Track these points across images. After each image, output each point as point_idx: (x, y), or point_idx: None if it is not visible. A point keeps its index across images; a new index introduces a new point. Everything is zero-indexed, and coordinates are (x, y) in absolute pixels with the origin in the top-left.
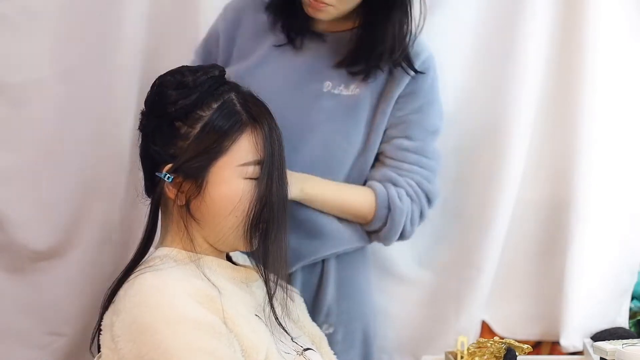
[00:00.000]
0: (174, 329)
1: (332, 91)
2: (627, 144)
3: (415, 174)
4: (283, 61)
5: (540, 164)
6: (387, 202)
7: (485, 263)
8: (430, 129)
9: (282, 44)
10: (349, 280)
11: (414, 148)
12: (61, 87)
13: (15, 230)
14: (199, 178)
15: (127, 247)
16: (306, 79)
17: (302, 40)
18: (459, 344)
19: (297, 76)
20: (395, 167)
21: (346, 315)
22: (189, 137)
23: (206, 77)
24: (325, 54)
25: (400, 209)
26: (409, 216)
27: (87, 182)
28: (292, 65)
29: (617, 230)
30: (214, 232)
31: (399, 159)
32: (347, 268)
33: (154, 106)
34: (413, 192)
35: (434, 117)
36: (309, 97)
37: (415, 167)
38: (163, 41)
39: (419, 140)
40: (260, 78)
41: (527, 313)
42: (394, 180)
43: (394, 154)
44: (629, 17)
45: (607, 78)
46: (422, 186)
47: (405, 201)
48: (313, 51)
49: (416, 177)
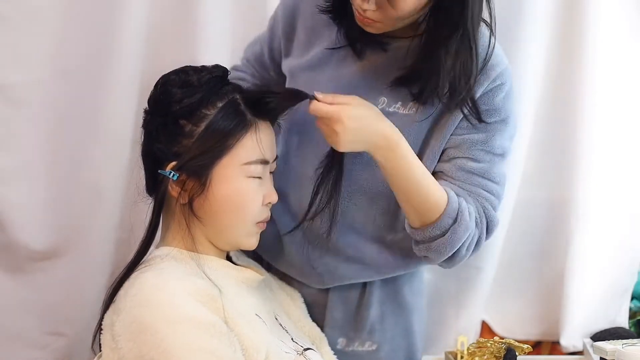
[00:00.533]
0: (175, 328)
1: (387, 109)
2: (627, 144)
3: (480, 197)
4: (337, 69)
5: (540, 164)
6: (456, 212)
7: (485, 263)
8: (497, 151)
9: (340, 46)
10: (394, 298)
11: (479, 170)
12: (61, 87)
13: (15, 230)
14: (202, 176)
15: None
16: (359, 93)
17: (361, 47)
18: (459, 344)
19: (350, 88)
20: (463, 188)
21: (390, 333)
22: (193, 136)
23: (210, 76)
24: (384, 66)
25: (467, 225)
26: (469, 239)
27: (87, 182)
28: (346, 75)
29: (617, 230)
30: (216, 230)
31: (462, 179)
32: (392, 286)
33: (159, 104)
34: (478, 215)
35: (503, 139)
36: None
37: (480, 190)
38: (163, 41)
39: (484, 162)
40: (312, 82)
41: (527, 313)
42: (464, 196)
43: (456, 175)
44: (629, 17)
45: (607, 78)
46: (486, 212)
47: (472, 219)
48: (371, 62)
49: (481, 201)
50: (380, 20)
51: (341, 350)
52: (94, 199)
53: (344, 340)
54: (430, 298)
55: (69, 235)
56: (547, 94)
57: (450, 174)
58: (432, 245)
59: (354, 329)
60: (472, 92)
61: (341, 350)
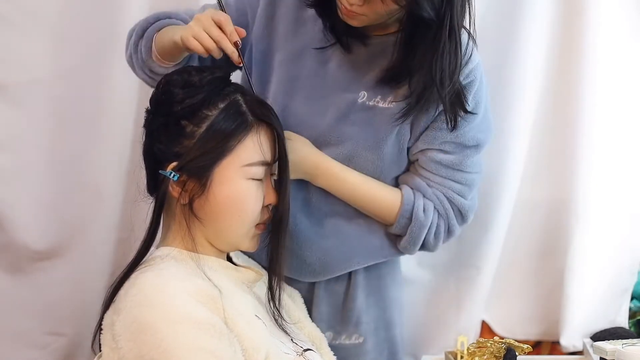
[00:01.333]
0: (175, 329)
1: (367, 102)
2: (627, 144)
3: (446, 187)
4: (319, 63)
5: (540, 164)
6: (410, 212)
7: (485, 263)
8: (469, 143)
9: (329, 45)
10: (377, 290)
11: (447, 161)
12: (61, 87)
13: (15, 230)
14: (203, 177)
15: (128, 247)
16: (340, 87)
17: (348, 41)
18: (459, 344)
19: (331, 82)
20: (427, 178)
21: (374, 325)
22: (194, 136)
23: (212, 76)
24: (365, 61)
25: (421, 222)
26: (432, 230)
27: (87, 181)
28: (328, 69)
29: (617, 230)
30: (216, 231)
31: (431, 170)
32: (376, 277)
33: (160, 104)
34: (441, 206)
35: (475, 131)
36: (342, 107)
37: (447, 180)
38: None
39: (454, 154)
40: (293, 77)
41: (527, 313)
42: (423, 191)
43: (426, 165)
44: (629, 18)
45: (607, 78)
46: (453, 201)
47: (429, 214)
48: (353, 56)
49: (447, 191)
50: (365, 14)
51: (329, 345)
52: (94, 199)
53: (331, 334)
54: (430, 298)
55: (69, 235)
56: (547, 94)
57: (422, 164)
58: (400, 243)
59: (341, 322)
60: (456, 87)
61: (329, 345)
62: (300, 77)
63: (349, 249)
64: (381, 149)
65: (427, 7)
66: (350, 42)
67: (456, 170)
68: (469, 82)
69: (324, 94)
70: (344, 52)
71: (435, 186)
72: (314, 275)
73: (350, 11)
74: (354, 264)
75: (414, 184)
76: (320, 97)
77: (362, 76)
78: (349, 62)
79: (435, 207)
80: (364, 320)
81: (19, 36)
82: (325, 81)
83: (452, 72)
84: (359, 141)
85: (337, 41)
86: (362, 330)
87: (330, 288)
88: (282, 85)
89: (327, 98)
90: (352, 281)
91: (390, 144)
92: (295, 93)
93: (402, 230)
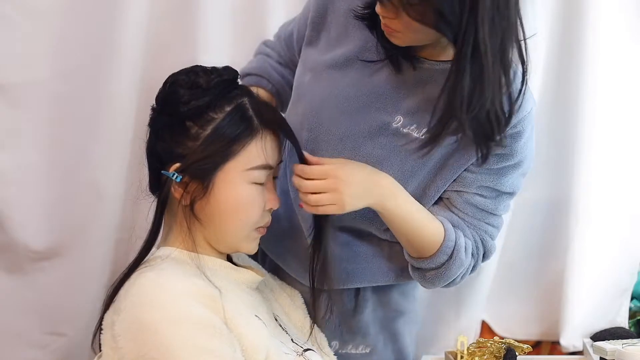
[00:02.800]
0: (175, 328)
1: (400, 129)
2: (627, 144)
3: (481, 230)
4: (361, 75)
5: (540, 164)
6: (451, 249)
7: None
8: (506, 190)
9: (379, 60)
10: (385, 302)
11: (484, 205)
12: (61, 87)
13: (15, 230)
14: (205, 180)
15: (128, 247)
16: (377, 106)
17: (398, 60)
18: (459, 344)
19: (369, 98)
20: (460, 216)
21: (381, 336)
22: (199, 138)
23: (220, 79)
24: (411, 85)
25: (462, 261)
26: (464, 270)
27: (87, 181)
28: (368, 84)
29: (616, 230)
30: (216, 233)
31: (466, 212)
32: (384, 290)
33: (166, 104)
34: (475, 247)
35: (516, 180)
36: (374, 126)
37: (482, 223)
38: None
39: (491, 199)
40: (333, 82)
41: (527, 313)
42: (462, 229)
43: (461, 206)
44: (629, 19)
45: (607, 79)
46: (485, 243)
47: (469, 255)
48: (399, 76)
49: (481, 234)
50: (401, 31)
51: (335, 353)
52: (94, 199)
53: (338, 342)
54: (430, 298)
55: (69, 235)
56: (547, 94)
57: (456, 204)
58: (426, 276)
59: (348, 331)
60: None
61: (335, 353)
62: (340, 85)
63: (355, 267)
64: (402, 180)
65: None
66: (401, 62)
67: (490, 213)
68: (516, 132)
69: (358, 108)
70: (393, 70)
71: (472, 227)
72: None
73: (387, 26)
74: (356, 282)
75: (452, 221)
76: (354, 111)
77: (402, 100)
78: (393, 82)
79: (470, 247)
80: (372, 332)
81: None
82: (363, 95)
83: (477, 98)
84: (383, 166)
85: (387, 57)
86: (369, 340)
87: (336, 297)
88: (320, 89)
89: (361, 113)
90: (361, 292)
91: (414, 179)
92: (329, 100)
93: (436, 265)
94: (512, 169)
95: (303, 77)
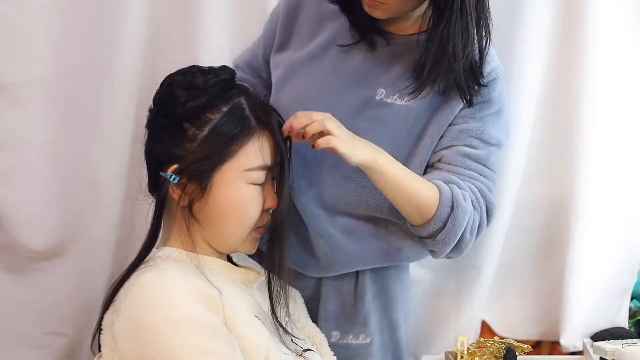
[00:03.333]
0: (175, 329)
1: (384, 99)
2: (627, 144)
3: (477, 180)
4: (338, 60)
5: (540, 164)
6: (451, 200)
7: (485, 263)
8: (492, 141)
9: (353, 42)
10: (384, 291)
11: (475, 155)
12: (61, 87)
13: (15, 230)
14: (203, 181)
15: (128, 247)
16: (359, 83)
17: (372, 39)
18: (459, 344)
19: (350, 78)
20: (454, 172)
21: (380, 325)
22: (196, 140)
23: (217, 79)
24: (387, 59)
25: (465, 208)
26: (470, 221)
27: (87, 181)
28: (347, 66)
29: (616, 230)
30: (215, 234)
31: (460, 165)
32: (383, 279)
33: (163, 105)
34: (475, 198)
35: (498, 130)
36: (359, 102)
37: (477, 174)
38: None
39: (481, 149)
40: (312, 72)
41: (527, 313)
42: (456, 183)
43: (454, 160)
44: (629, 19)
45: (606, 79)
46: (483, 194)
47: (468, 203)
48: (375, 53)
49: (478, 184)
50: (387, 2)
51: (335, 343)
52: (94, 199)
53: (338, 333)
54: (430, 298)
55: (69, 235)
56: (547, 94)
57: (448, 159)
58: (437, 239)
59: (348, 322)
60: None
61: (335, 343)
62: (321, 73)
63: (356, 249)
64: (395, 147)
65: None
66: (375, 40)
67: (483, 165)
68: (492, 79)
69: (341, 89)
70: (368, 49)
71: (467, 179)
72: (319, 271)
73: (373, 1)
74: (359, 265)
75: (444, 179)
76: (337, 92)
77: (382, 74)
78: (370, 59)
79: (470, 199)
80: (371, 321)
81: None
82: (344, 77)
83: (464, 45)
84: (373, 137)
85: (361, 38)
86: (369, 330)
87: (337, 287)
88: (302, 80)
89: (344, 93)
90: (360, 281)
91: (406, 144)
92: (312, 88)
93: (443, 221)
94: (493, 117)
95: (281, 74)
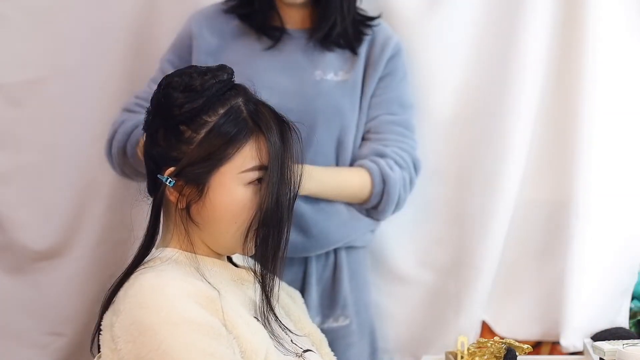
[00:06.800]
0: (174, 330)
1: (324, 78)
2: (627, 144)
3: (401, 142)
4: (269, 59)
5: (540, 164)
6: (380, 176)
7: (485, 263)
8: (407, 103)
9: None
10: (358, 273)
11: (397, 121)
12: (61, 87)
13: (15, 230)
14: (200, 183)
15: (127, 247)
16: (298, 72)
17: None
18: (459, 344)
19: (289, 70)
20: (381, 140)
21: (357, 306)
22: (192, 142)
23: (214, 80)
24: (303, 47)
25: (394, 179)
26: (401, 184)
27: (87, 182)
28: (279, 61)
29: (617, 230)
30: (213, 236)
31: (385, 131)
32: (356, 261)
33: (160, 107)
34: (401, 159)
35: (409, 94)
36: (307, 85)
37: (400, 137)
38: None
39: (400, 115)
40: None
41: (527, 313)
42: (380, 152)
43: (379, 128)
44: (629, 17)
45: (606, 78)
46: (409, 152)
47: (395, 170)
48: (292, 46)
49: (403, 146)
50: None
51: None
52: (94, 199)
53: (320, 318)
54: (430, 298)
55: (68, 236)
56: (547, 94)
57: (375, 129)
58: (378, 209)
59: (329, 306)
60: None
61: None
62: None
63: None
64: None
65: None
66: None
67: (405, 128)
68: (399, 50)
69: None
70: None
71: (392, 144)
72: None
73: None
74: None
75: (370, 151)
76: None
77: (308, 59)
78: (295, 51)
79: (397, 162)
80: (349, 302)
81: (19, 36)
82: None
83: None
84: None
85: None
86: (347, 312)
87: (319, 275)
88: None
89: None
90: (338, 265)
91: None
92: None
93: (379, 196)
94: (404, 83)
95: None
